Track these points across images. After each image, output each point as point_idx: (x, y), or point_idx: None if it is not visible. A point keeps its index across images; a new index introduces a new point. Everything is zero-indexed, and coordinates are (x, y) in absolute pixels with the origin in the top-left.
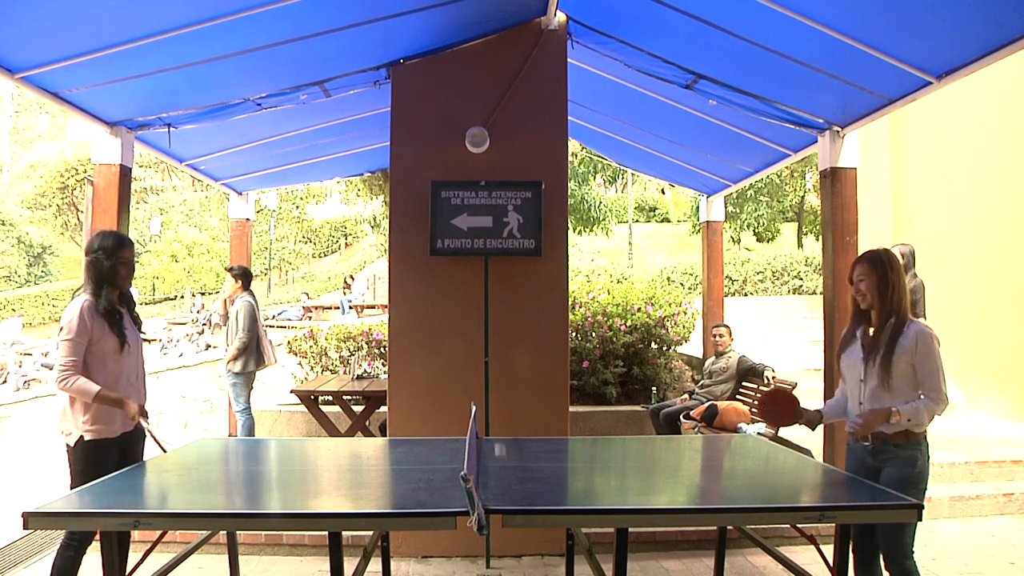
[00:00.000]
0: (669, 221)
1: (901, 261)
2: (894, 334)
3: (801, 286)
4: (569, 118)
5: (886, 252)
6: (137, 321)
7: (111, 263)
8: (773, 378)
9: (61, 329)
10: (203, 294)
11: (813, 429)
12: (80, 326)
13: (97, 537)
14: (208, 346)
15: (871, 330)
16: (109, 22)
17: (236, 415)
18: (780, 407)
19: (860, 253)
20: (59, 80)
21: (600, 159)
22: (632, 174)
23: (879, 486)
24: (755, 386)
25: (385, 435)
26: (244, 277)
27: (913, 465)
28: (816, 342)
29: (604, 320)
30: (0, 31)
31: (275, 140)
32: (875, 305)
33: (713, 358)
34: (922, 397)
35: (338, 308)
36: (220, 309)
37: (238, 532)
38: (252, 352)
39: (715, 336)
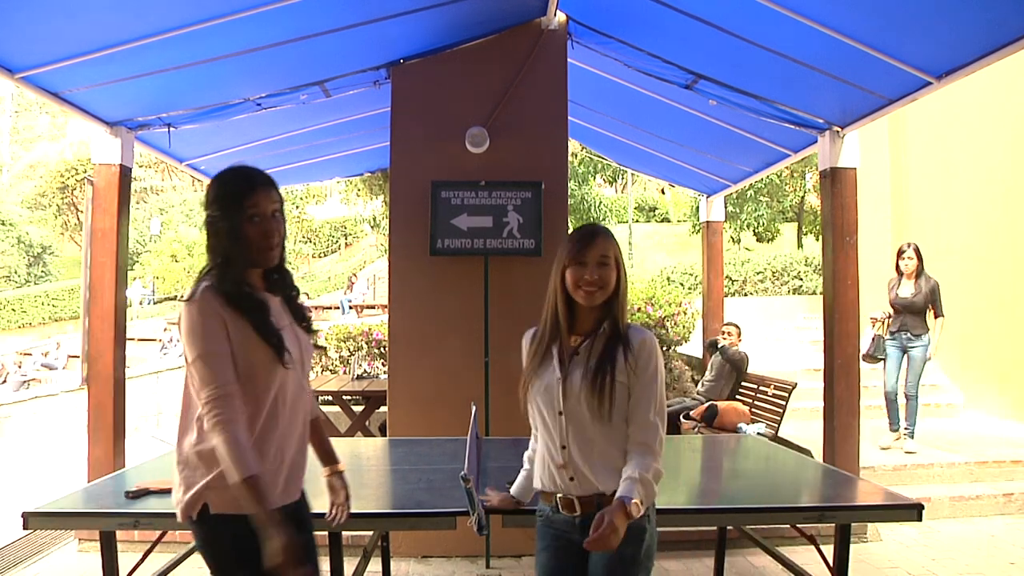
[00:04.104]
0: (669, 221)
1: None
2: (613, 338)
3: (801, 286)
4: (569, 118)
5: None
6: None
7: None
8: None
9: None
10: None
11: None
12: None
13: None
14: None
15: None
16: (109, 22)
17: None
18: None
19: (580, 227)
20: (59, 80)
21: (600, 159)
22: (632, 174)
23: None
24: (755, 386)
25: (385, 435)
26: None
27: (640, 540)
28: (816, 342)
29: None
30: (0, 31)
31: (275, 140)
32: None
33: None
34: (634, 448)
35: (338, 308)
36: None
37: None
38: None
39: (724, 335)
